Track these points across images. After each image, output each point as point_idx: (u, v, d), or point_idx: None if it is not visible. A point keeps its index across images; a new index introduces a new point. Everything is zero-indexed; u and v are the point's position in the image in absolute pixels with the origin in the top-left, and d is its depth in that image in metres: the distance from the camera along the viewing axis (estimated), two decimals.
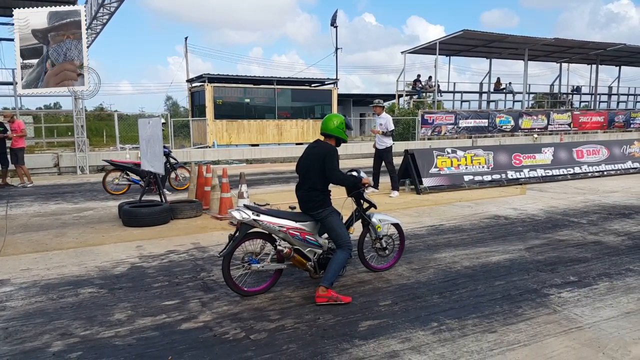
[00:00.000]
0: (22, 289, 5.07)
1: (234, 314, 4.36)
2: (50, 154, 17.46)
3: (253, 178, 14.30)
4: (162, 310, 4.46)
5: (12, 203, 10.56)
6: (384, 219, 5.52)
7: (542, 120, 28.73)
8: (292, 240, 4.76)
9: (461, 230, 7.48)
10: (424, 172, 11.41)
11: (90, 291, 4.98)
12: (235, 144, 22.90)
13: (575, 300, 4.58)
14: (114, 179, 11.31)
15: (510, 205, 9.53)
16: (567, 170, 13.29)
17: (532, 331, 3.92)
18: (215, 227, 7.91)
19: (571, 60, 35.54)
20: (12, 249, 6.70)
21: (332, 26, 34.49)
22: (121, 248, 6.65)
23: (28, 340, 3.85)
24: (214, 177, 9.17)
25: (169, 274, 5.50)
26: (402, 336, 3.87)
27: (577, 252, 6.21)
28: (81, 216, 8.98)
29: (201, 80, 23.68)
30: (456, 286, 5.01)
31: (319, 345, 3.74)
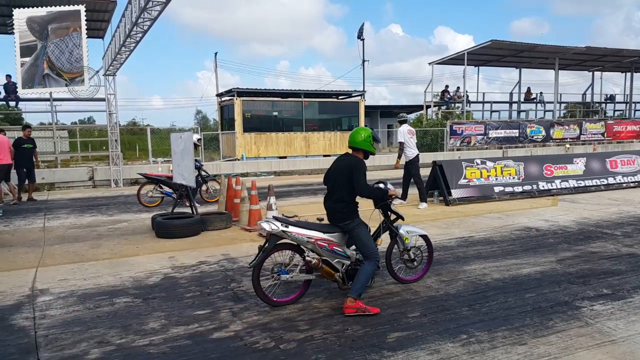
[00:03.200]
0: (60, 298, 5.25)
1: (264, 324, 4.43)
2: (85, 168, 17.96)
3: (281, 190, 14.42)
4: (195, 319, 4.57)
5: (49, 215, 10.90)
6: (412, 230, 5.54)
7: (574, 130, 28.22)
8: (320, 252, 4.82)
9: (491, 242, 7.42)
10: (452, 183, 11.35)
11: (125, 301, 5.13)
12: (263, 156, 23.16)
13: (609, 313, 4.51)
14: (147, 191, 11.57)
15: (542, 216, 9.40)
16: (601, 181, 13.03)
17: (563, 344, 3.89)
18: (244, 238, 8.03)
19: (604, 68, 34.91)
20: (50, 259, 6.93)
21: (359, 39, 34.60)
22: (154, 259, 6.82)
23: (67, 348, 4.00)
24: (243, 189, 9.31)
25: (201, 285, 5.62)
26: (430, 348, 3.88)
27: (610, 265, 6.10)
28: (116, 228, 9.22)
29: (230, 94, 24.07)
30: (486, 298, 4.98)
31: (347, 355, 3.78)
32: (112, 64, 15.05)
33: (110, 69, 15.77)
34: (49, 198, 13.97)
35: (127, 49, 13.31)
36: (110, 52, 15.26)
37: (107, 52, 16.00)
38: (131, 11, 11.19)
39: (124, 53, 13.78)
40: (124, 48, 13.16)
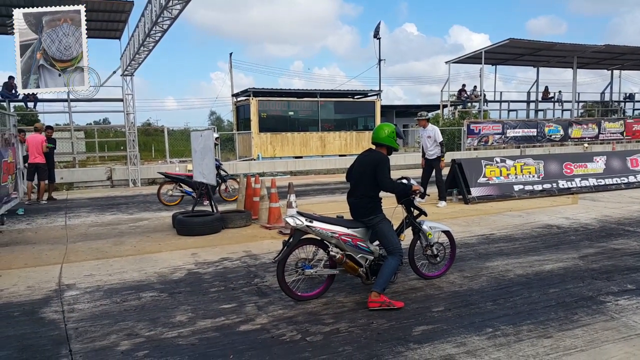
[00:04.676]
0: (87, 292, 5.34)
1: (289, 317, 4.47)
2: (104, 168, 18.18)
3: (298, 189, 14.36)
4: (221, 313, 4.63)
5: (70, 214, 11.06)
6: (435, 226, 5.55)
7: (592, 129, 27.92)
8: (344, 247, 4.85)
9: (513, 240, 7.39)
10: (472, 181, 11.31)
11: (151, 295, 5.20)
12: (279, 156, 23.25)
13: (634, 308, 4.48)
14: (167, 190, 11.69)
15: (562, 214, 9.34)
16: (621, 180, 12.90)
17: (589, 337, 3.88)
18: (264, 236, 8.09)
19: (623, 67, 34.50)
20: (74, 256, 7.04)
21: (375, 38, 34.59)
22: (177, 255, 6.90)
23: (97, 340, 4.07)
24: (263, 188, 9.37)
25: (224, 280, 5.68)
26: (456, 341, 3.89)
27: (634, 261, 6.05)
28: (137, 226, 9.34)
29: (246, 94, 24.20)
30: (510, 294, 4.98)
31: (374, 347, 3.80)
32: (130, 64, 15.23)
33: (129, 69, 15.95)
34: (68, 197, 14.17)
35: (146, 49, 13.45)
36: (128, 52, 15.43)
37: (125, 52, 16.18)
38: (151, 10, 11.32)
39: (142, 53, 13.94)
40: (143, 48, 13.31)
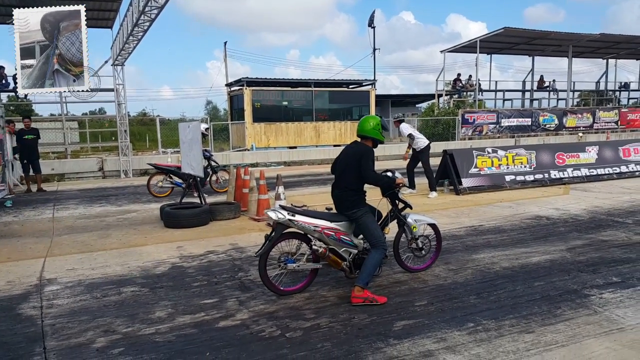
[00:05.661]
0: (67, 287, 5.28)
1: (271, 313, 4.42)
2: (95, 159, 18.06)
3: (290, 180, 14.40)
4: (201, 308, 4.57)
5: (59, 206, 10.97)
6: (420, 219, 5.49)
7: (587, 118, 27.88)
8: (327, 240, 4.79)
9: (501, 231, 7.35)
10: (463, 172, 11.25)
11: (132, 290, 5.14)
12: (273, 146, 23.12)
13: (618, 302, 4.45)
14: (157, 181, 11.60)
15: (553, 205, 9.30)
16: (613, 170, 12.86)
17: (570, 332, 3.84)
18: (253, 228, 8.03)
19: (619, 55, 34.32)
20: (59, 249, 6.97)
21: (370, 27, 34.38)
22: (162, 249, 6.84)
23: (73, 337, 4.01)
24: (252, 179, 9.30)
25: (208, 274, 5.62)
26: (437, 336, 3.85)
27: (621, 253, 6.02)
28: (125, 218, 9.26)
29: (240, 84, 24.03)
30: (494, 287, 4.93)
31: (353, 344, 3.76)
32: (120, 53, 15.09)
33: (119, 59, 15.81)
34: (58, 189, 14.07)
35: (135, 38, 13.31)
36: (118, 42, 15.29)
37: (115, 42, 16.03)
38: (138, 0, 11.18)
39: (131, 42, 13.79)
40: (132, 37, 13.17)
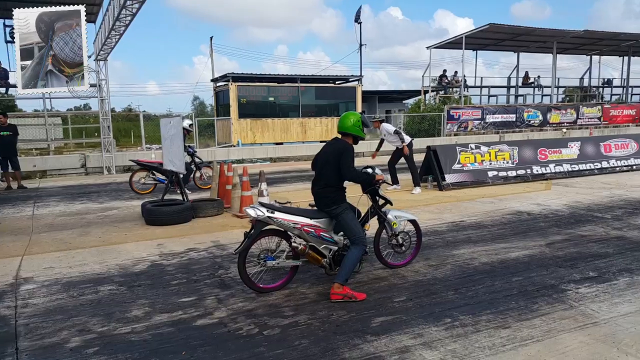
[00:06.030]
0: (44, 286, 5.21)
1: (249, 310, 4.40)
2: (78, 155, 17.82)
3: (276, 176, 14.36)
4: (179, 306, 4.54)
5: (39, 203, 10.83)
6: (400, 215, 5.49)
7: (571, 114, 28.12)
8: (306, 237, 4.77)
9: (482, 227, 7.39)
10: (446, 168, 11.30)
11: (109, 289, 5.09)
12: (259, 142, 23.03)
13: (593, 296, 4.50)
14: (140, 178, 11.49)
15: (534, 201, 9.37)
16: (594, 165, 13.00)
17: (546, 327, 3.87)
18: (235, 225, 7.99)
19: (602, 52, 34.66)
20: (37, 247, 6.88)
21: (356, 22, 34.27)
22: (142, 246, 6.78)
23: (47, 336, 3.96)
24: (235, 175, 9.25)
25: (188, 272, 5.58)
26: (414, 332, 3.85)
27: (598, 248, 6.09)
28: (105, 215, 9.17)
29: (225, 79, 23.86)
30: (473, 282, 4.96)
31: (331, 340, 3.75)
32: (103, 48, 14.89)
33: (101, 54, 15.61)
34: (40, 186, 13.89)
35: (117, 33, 13.16)
36: (100, 37, 15.11)
37: (98, 37, 15.84)
38: None
39: (113, 37, 13.64)
40: (114, 32, 13.02)
